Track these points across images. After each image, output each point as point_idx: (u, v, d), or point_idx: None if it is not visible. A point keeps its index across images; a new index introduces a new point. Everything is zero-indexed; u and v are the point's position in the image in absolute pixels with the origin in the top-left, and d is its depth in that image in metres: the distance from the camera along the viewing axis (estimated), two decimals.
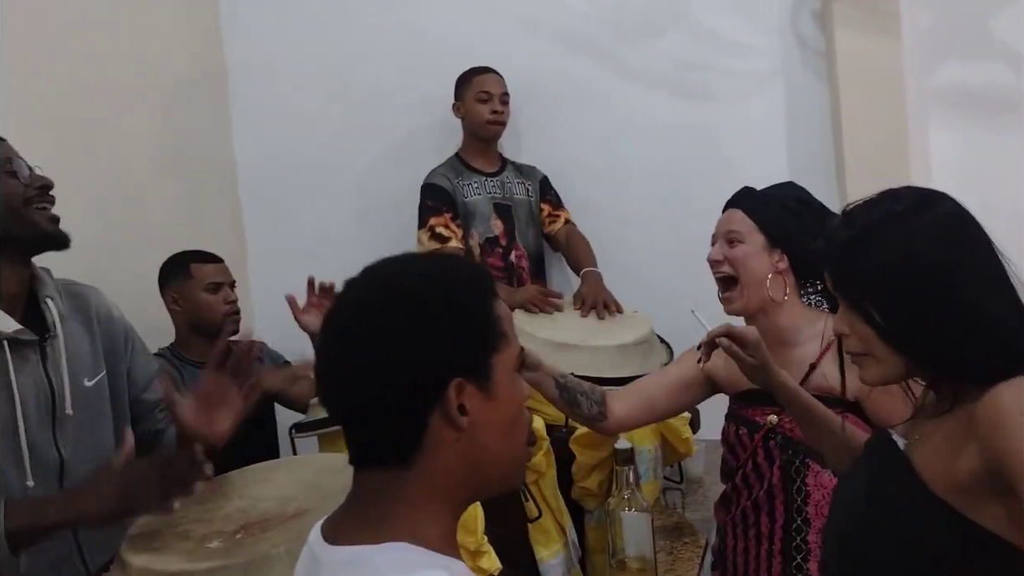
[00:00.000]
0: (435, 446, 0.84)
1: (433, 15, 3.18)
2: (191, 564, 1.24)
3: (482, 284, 0.90)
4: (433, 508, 0.86)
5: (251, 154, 3.37)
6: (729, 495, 1.81)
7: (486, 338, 0.87)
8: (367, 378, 0.83)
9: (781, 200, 1.75)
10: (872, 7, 2.75)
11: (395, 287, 0.87)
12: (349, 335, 0.85)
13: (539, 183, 3.06)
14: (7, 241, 1.45)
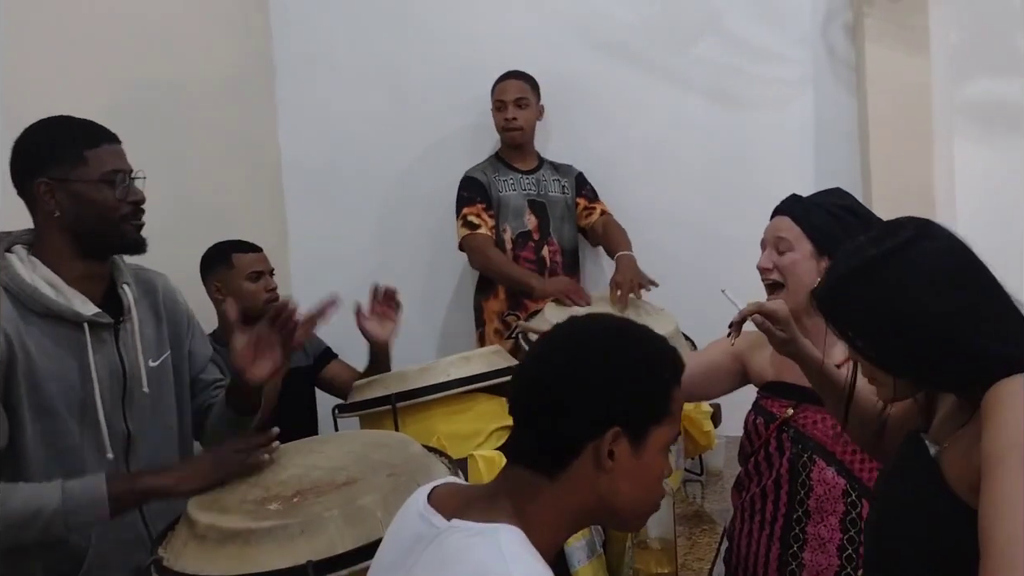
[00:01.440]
0: (578, 473, 1.00)
1: (482, 18, 3.29)
2: (254, 523, 1.36)
3: (674, 367, 1.06)
4: (552, 521, 1.01)
5: (295, 148, 3.50)
6: (742, 479, 1.91)
7: (655, 408, 1.02)
8: (556, 393, 1.00)
9: (827, 207, 1.80)
10: (902, 22, 2.82)
11: (611, 336, 1.05)
12: (562, 356, 1.03)
13: (575, 179, 3.16)
14: (93, 241, 1.57)
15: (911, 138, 2.83)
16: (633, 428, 1.00)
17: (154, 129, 2.67)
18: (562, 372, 1.02)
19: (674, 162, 3.18)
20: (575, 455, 0.99)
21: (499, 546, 0.94)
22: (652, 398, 1.02)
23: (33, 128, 1.59)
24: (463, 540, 0.98)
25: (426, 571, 0.99)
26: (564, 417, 1.00)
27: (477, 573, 0.94)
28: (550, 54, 3.19)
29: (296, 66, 3.47)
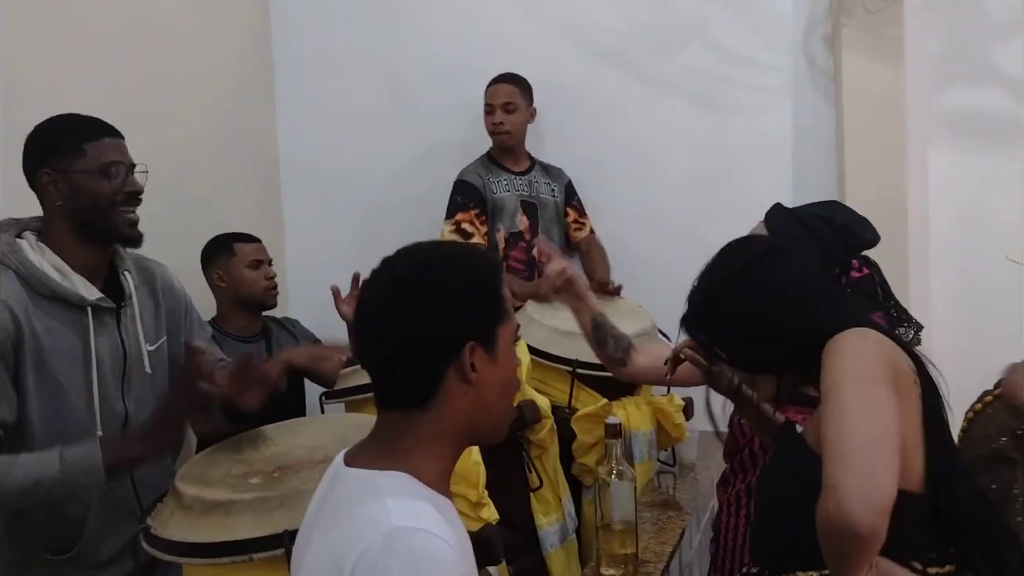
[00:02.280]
0: (447, 396, 1.06)
1: (478, 22, 3.38)
2: (236, 494, 1.46)
3: (493, 267, 1.13)
4: (435, 449, 1.08)
5: (293, 146, 3.59)
6: (728, 476, 2.02)
7: (494, 312, 1.09)
8: (400, 336, 1.04)
9: (802, 218, 1.94)
10: (879, 33, 2.92)
11: (426, 266, 1.09)
12: (387, 302, 1.07)
13: (565, 186, 3.25)
14: (90, 229, 1.67)
15: (885, 147, 2.93)
16: (483, 337, 1.06)
17: (154, 125, 2.74)
18: (402, 313, 1.05)
19: (659, 164, 3.27)
20: (440, 381, 1.05)
21: (380, 493, 1.02)
22: (489, 303, 1.08)
23: (42, 124, 1.69)
24: (351, 491, 1.06)
25: (328, 514, 1.08)
26: (420, 353, 1.04)
27: (359, 523, 1.01)
28: (544, 58, 3.28)
29: (295, 65, 3.56)
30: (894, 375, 1.20)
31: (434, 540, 0.98)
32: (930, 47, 3.01)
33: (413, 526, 0.99)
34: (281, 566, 1.39)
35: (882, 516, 1.06)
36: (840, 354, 1.22)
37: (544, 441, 2.22)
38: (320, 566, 1.04)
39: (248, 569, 1.40)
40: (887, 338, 1.28)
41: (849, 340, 1.24)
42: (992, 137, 3.01)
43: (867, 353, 1.21)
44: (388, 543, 0.97)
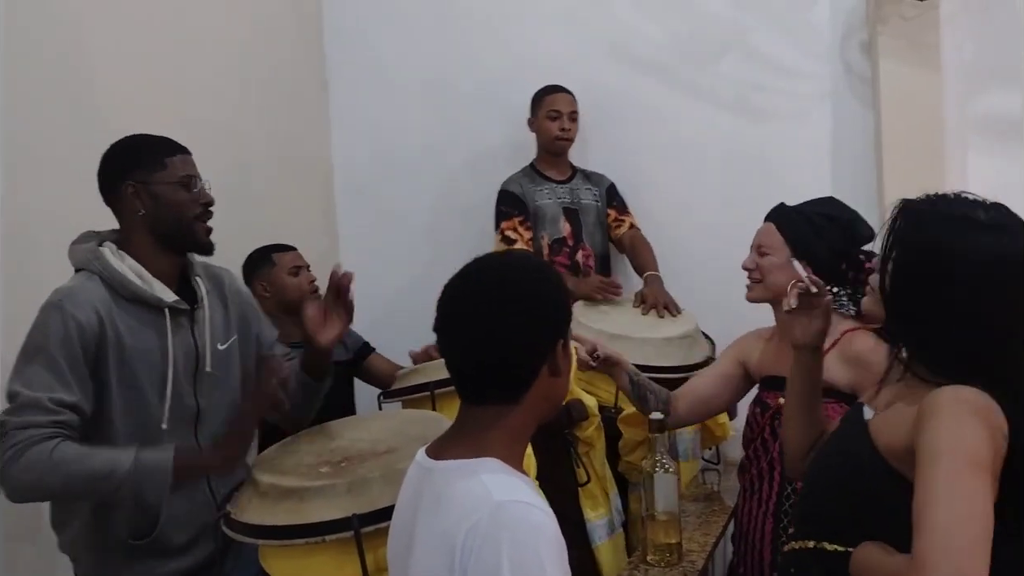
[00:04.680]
0: (537, 388, 1.20)
1: (522, 35, 3.50)
2: (308, 482, 1.59)
3: (561, 278, 1.28)
4: (520, 437, 1.23)
5: (346, 159, 3.74)
6: (744, 463, 2.11)
7: (568, 314, 1.25)
8: (506, 341, 1.18)
9: (808, 215, 2.03)
10: (915, 39, 2.97)
11: (514, 275, 1.23)
12: (488, 312, 1.18)
13: (606, 190, 3.34)
14: (171, 237, 1.82)
15: (923, 151, 2.96)
16: (563, 335, 1.22)
17: (212, 141, 2.85)
18: (505, 320, 1.17)
19: (700, 171, 3.35)
20: (535, 376, 1.19)
21: (479, 476, 1.14)
22: (566, 304, 1.23)
23: (121, 142, 1.84)
24: (448, 477, 1.17)
25: (428, 508, 1.19)
26: (524, 354, 1.18)
27: (463, 503, 1.12)
28: (585, 68, 3.37)
29: (348, 80, 3.70)
30: (995, 454, 1.18)
31: (537, 512, 1.11)
32: (966, 52, 3.04)
33: (516, 499, 1.11)
34: (350, 547, 1.52)
35: None
36: (953, 418, 1.19)
37: (591, 438, 2.32)
38: (431, 552, 1.15)
39: (320, 550, 1.53)
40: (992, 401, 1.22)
41: (971, 403, 1.20)
42: None
43: (984, 431, 1.18)
44: (495, 517, 1.09)
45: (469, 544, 1.08)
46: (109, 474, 1.64)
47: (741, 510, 2.09)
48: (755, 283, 2.06)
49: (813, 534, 1.35)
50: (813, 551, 1.34)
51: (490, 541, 1.07)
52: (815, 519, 1.38)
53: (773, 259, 2.01)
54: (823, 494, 1.39)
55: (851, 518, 1.30)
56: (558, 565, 1.09)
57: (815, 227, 1.99)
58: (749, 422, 2.10)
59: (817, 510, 1.39)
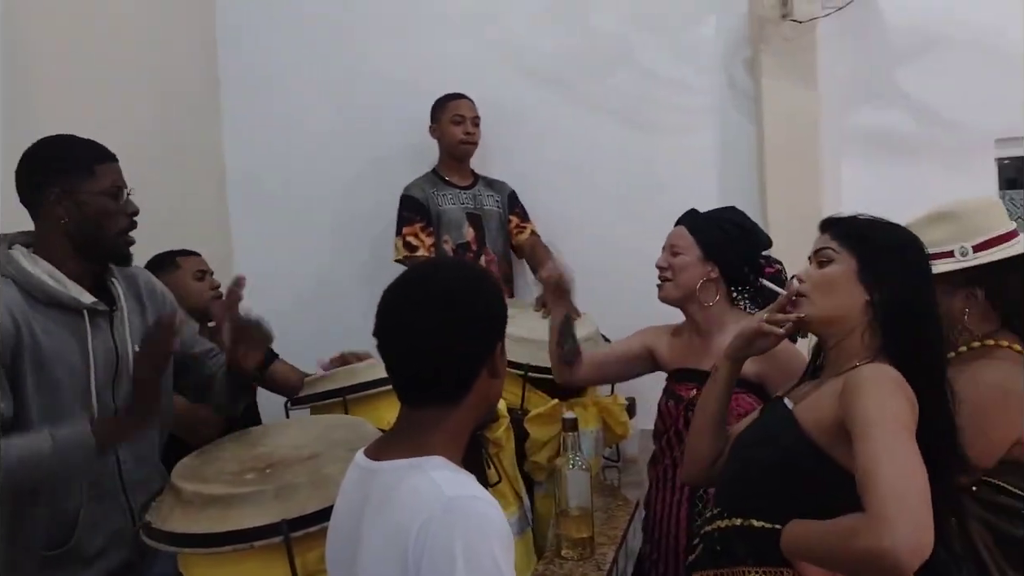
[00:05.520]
0: (477, 389, 1.24)
1: (422, 44, 3.54)
2: (234, 488, 1.58)
3: (498, 282, 1.36)
4: (460, 437, 1.26)
5: (241, 161, 3.68)
6: (657, 455, 2.23)
7: (505, 317, 1.29)
8: (448, 344, 1.20)
9: (718, 222, 2.18)
10: (795, 58, 3.17)
11: (456, 281, 1.26)
12: (431, 317, 1.21)
13: (508, 196, 3.41)
14: (91, 247, 1.77)
15: (802, 163, 3.16)
16: (503, 336, 1.26)
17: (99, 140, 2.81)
18: (448, 325, 1.20)
19: (593, 181, 3.46)
20: (475, 378, 1.23)
21: (428, 474, 1.17)
22: (504, 308, 1.28)
23: (44, 142, 1.77)
24: (396, 476, 1.19)
25: (374, 512, 1.20)
26: (464, 357, 1.22)
27: (414, 499, 1.15)
28: (484, 78, 3.44)
29: (241, 81, 3.65)
30: (914, 421, 1.36)
31: (487, 505, 1.15)
32: (840, 71, 3.27)
33: (467, 494, 1.14)
34: (278, 553, 1.53)
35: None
36: (879, 389, 1.36)
37: (501, 439, 2.37)
38: (382, 551, 1.16)
39: (248, 557, 1.54)
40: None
41: (891, 376, 1.38)
42: (897, 152, 3.29)
43: (906, 400, 1.36)
44: (448, 512, 1.11)
45: (422, 539, 1.11)
46: (33, 458, 1.59)
47: (654, 499, 2.19)
48: (666, 282, 2.18)
49: (740, 512, 1.46)
50: (740, 528, 1.45)
51: (443, 535, 1.10)
52: (742, 498, 1.48)
53: (685, 258, 2.14)
54: (750, 475, 1.50)
55: (778, 495, 1.42)
56: (507, 556, 1.13)
57: (724, 232, 2.13)
58: (661, 415, 2.21)
59: (744, 490, 1.50)
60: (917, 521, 1.21)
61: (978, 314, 1.73)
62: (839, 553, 1.31)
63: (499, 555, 1.11)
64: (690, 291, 2.13)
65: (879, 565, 1.24)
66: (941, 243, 1.71)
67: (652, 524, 2.19)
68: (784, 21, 3.13)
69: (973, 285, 1.72)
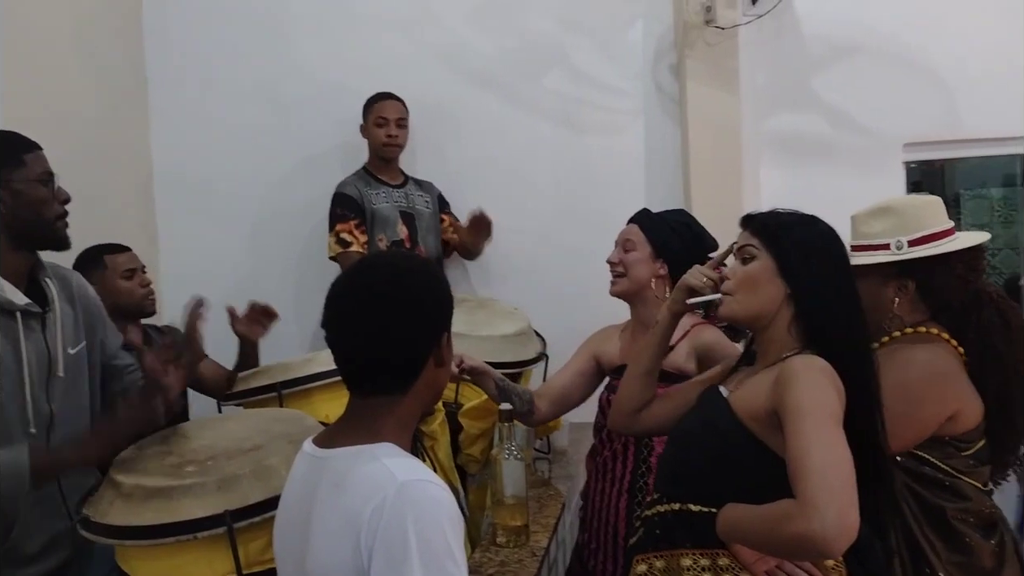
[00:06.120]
0: (423, 379, 1.27)
1: (355, 42, 3.56)
2: (176, 481, 1.59)
3: (443, 274, 1.38)
4: (407, 424, 1.29)
5: (168, 157, 3.64)
6: (596, 447, 2.30)
7: (451, 308, 1.32)
8: (395, 334, 1.23)
9: (670, 222, 2.28)
10: (717, 64, 3.29)
11: (404, 273, 1.29)
12: (379, 307, 1.24)
13: (437, 198, 3.46)
14: (29, 234, 1.76)
15: (724, 165, 3.29)
16: (449, 327, 1.30)
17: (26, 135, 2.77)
18: (395, 315, 1.23)
19: (527, 180, 3.53)
20: (423, 367, 1.26)
21: (380, 460, 1.19)
22: (450, 299, 1.31)
23: None
24: (347, 463, 1.22)
25: (326, 498, 1.22)
26: (412, 347, 1.25)
27: (367, 484, 1.17)
28: (417, 78, 3.48)
29: (169, 78, 3.62)
30: (841, 410, 1.43)
31: (438, 489, 1.18)
32: (760, 77, 3.41)
33: (418, 478, 1.17)
34: (221, 544, 1.54)
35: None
36: (810, 379, 1.43)
37: (436, 433, 2.42)
38: (333, 536, 1.18)
39: (190, 548, 1.55)
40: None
41: (819, 367, 1.45)
42: (812, 155, 3.44)
43: (834, 390, 1.43)
44: (400, 496, 1.14)
45: (374, 523, 1.13)
46: None
47: (592, 491, 2.27)
48: (618, 277, 2.25)
49: (678, 497, 1.54)
50: (678, 513, 1.53)
51: (396, 519, 1.13)
52: (680, 484, 1.56)
53: (637, 255, 2.23)
54: (688, 461, 1.57)
55: (715, 481, 1.50)
56: (458, 538, 1.17)
57: (674, 231, 2.23)
58: (602, 409, 2.29)
59: (682, 476, 1.57)
60: (843, 506, 1.29)
61: (908, 304, 1.85)
62: (771, 537, 1.38)
63: (451, 537, 1.14)
64: (642, 286, 2.21)
65: (808, 548, 1.33)
66: (879, 236, 1.83)
67: (591, 515, 2.27)
68: (708, 28, 3.25)
69: (905, 277, 1.84)
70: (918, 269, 1.83)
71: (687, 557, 1.51)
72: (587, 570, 2.27)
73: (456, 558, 1.14)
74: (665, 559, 1.54)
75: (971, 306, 1.85)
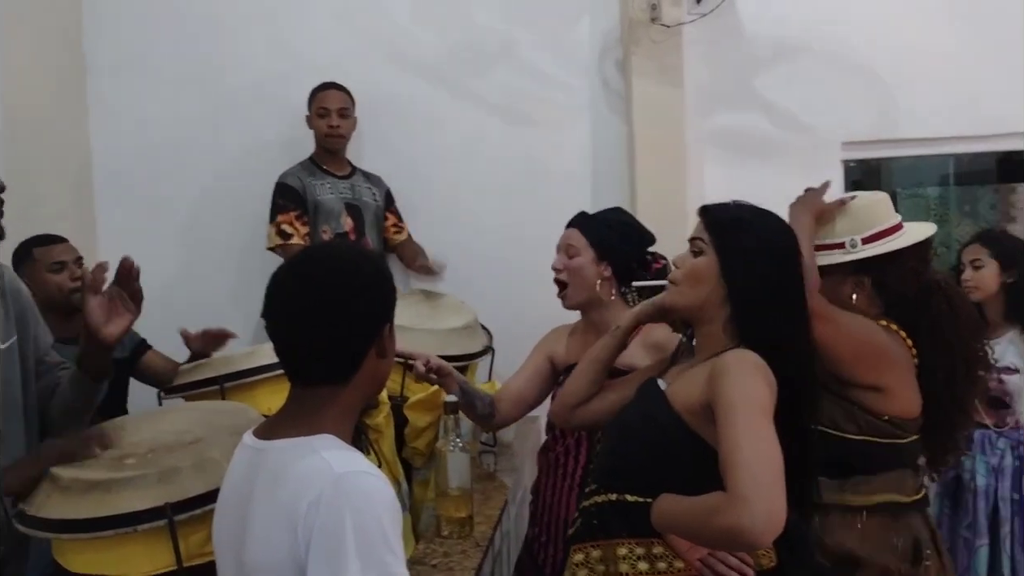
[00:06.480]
0: (365, 369, 1.26)
1: (299, 33, 3.53)
2: (116, 473, 1.57)
3: (386, 265, 1.36)
4: (349, 415, 1.29)
5: (106, 146, 3.57)
6: (549, 443, 2.32)
7: (394, 299, 1.31)
8: (336, 324, 1.22)
9: (609, 223, 2.28)
10: (661, 60, 3.33)
11: (346, 264, 1.28)
12: (321, 298, 1.23)
13: (384, 193, 3.44)
14: None
15: (668, 160, 3.33)
16: (391, 317, 1.30)
17: None
18: (337, 305, 1.23)
19: (474, 172, 3.54)
20: (364, 358, 1.26)
21: (316, 451, 1.19)
22: (392, 289, 1.30)
23: None
24: (286, 455, 1.21)
25: (264, 491, 1.21)
26: (353, 337, 1.24)
27: (304, 477, 1.17)
28: (364, 70, 3.46)
29: (109, 66, 3.55)
30: (773, 404, 1.46)
31: (376, 480, 1.18)
32: (703, 74, 3.47)
33: (356, 470, 1.17)
34: (162, 537, 1.53)
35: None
36: (741, 374, 1.45)
37: (381, 426, 2.42)
38: (271, 529, 1.18)
39: (130, 541, 1.53)
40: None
41: (752, 362, 1.47)
42: (753, 153, 3.50)
43: (765, 385, 1.46)
44: (337, 488, 1.13)
45: (312, 516, 1.13)
46: None
47: (543, 485, 2.29)
48: (564, 288, 2.24)
49: (615, 488, 1.56)
50: (615, 503, 1.55)
51: (333, 511, 1.12)
52: (617, 475, 1.58)
53: (581, 260, 2.22)
54: (625, 452, 1.60)
55: (651, 472, 1.52)
56: (396, 529, 1.17)
57: (615, 231, 2.24)
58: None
59: (619, 467, 1.59)
60: (771, 500, 1.32)
61: (866, 299, 1.93)
62: (701, 528, 1.42)
63: (388, 528, 1.14)
64: (591, 292, 2.21)
65: (736, 540, 1.37)
66: (836, 235, 1.91)
67: (542, 509, 2.29)
68: (653, 25, 3.29)
69: (861, 274, 1.91)
70: (872, 266, 1.90)
71: (623, 547, 1.54)
72: (537, 564, 2.29)
73: (394, 549, 1.14)
74: (602, 548, 1.56)
75: (922, 297, 1.94)
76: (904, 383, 1.91)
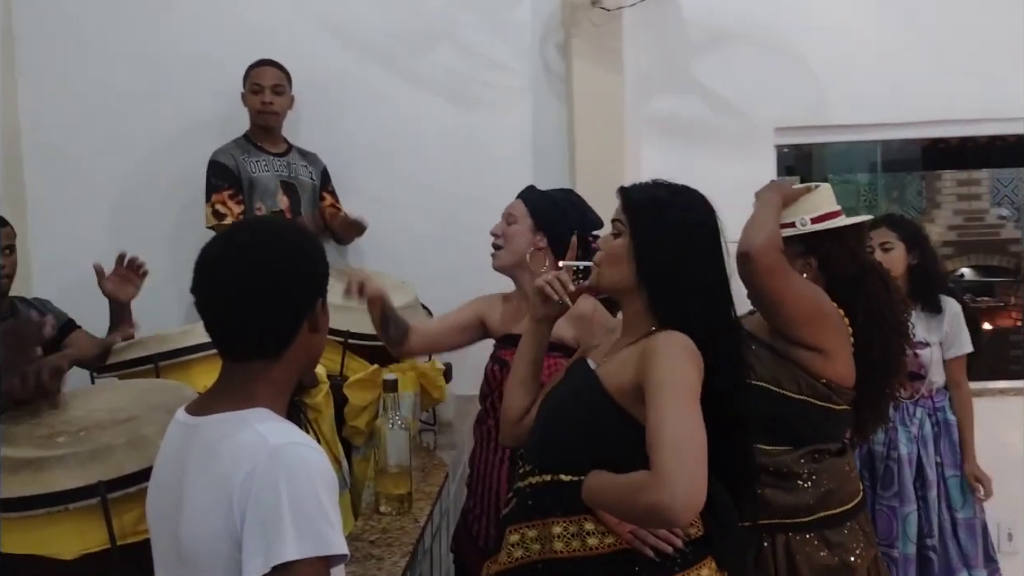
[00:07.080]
0: (297, 344, 1.26)
1: (237, 8, 3.47)
2: (47, 451, 1.55)
3: (318, 238, 1.37)
4: (283, 389, 1.28)
5: (36, 122, 3.48)
6: (481, 415, 2.37)
7: (327, 274, 1.31)
8: (267, 297, 1.22)
9: (554, 199, 2.38)
10: (601, 44, 3.35)
11: (277, 237, 1.28)
12: (251, 270, 1.23)
13: (321, 172, 3.41)
14: None
15: (607, 144, 3.36)
16: (324, 292, 1.30)
17: None
18: (268, 278, 1.23)
19: (415, 153, 3.51)
20: (297, 332, 1.25)
21: (250, 424, 1.19)
22: (325, 264, 1.30)
23: None
24: (219, 429, 1.21)
25: (198, 465, 1.21)
26: (285, 311, 1.24)
27: (238, 450, 1.16)
28: (303, 47, 3.41)
29: (39, 39, 3.46)
30: (700, 385, 1.49)
31: (311, 451, 1.18)
32: (642, 59, 3.50)
33: (290, 441, 1.17)
34: (95, 515, 1.52)
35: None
36: (670, 355, 1.49)
37: (320, 405, 2.42)
38: (206, 504, 1.17)
39: (62, 519, 1.52)
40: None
41: (682, 344, 1.51)
42: (690, 137, 3.55)
43: (693, 366, 1.49)
44: (272, 460, 1.13)
45: (246, 488, 1.13)
46: None
47: (477, 458, 2.35)
48: (499, 250, 2.33)
49: (550, 468, 1.59)
50: (550, 483, 1.58)
51: (269, 483, 1.12)
52: (550, 455, 1.61)
53: (517, 227, 2.31)
54: (558, 433, 1.63)
55: (583, 451, 1.56)
56: (332, 499, 1.17)
57: (559, 208, 2.31)
58: (487, 378, 2.36)
59: (553, 447, 1.62)
60: (693, 479, 1.36)
61: (813, 278, 2.11)
62: (627, 505, 1.46)
63: (324, 499, 1.14)
64: (521, 258, 2.28)
65: (659, 518, 1.42)
66: (789, 216, 2.12)
67: (475, 481, 2.34)
68: (593, 8, 3.30)
69: (809, 255, 2.11)
70: (818, 246, 2.11)
71: (557, 525, 1.58)
72: (471, 535, 2.33)
73: (331, 520, 1.14)
74: (537, 528, 1.60)
75: (859, 276, 2.12)
76: (843, 351, 2.04)
